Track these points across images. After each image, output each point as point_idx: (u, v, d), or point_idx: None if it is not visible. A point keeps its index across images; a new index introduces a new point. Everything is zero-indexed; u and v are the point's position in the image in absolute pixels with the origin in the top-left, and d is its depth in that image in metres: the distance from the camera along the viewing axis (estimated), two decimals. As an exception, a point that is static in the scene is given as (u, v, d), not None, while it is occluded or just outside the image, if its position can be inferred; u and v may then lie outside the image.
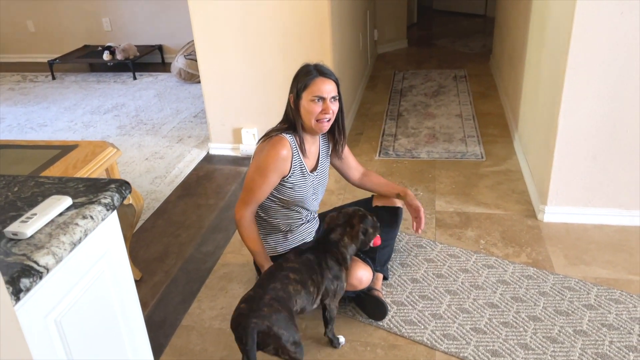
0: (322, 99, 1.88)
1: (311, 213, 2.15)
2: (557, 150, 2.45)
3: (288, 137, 1.92)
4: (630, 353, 1.82)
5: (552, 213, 2.59)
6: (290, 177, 1.95)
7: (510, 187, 2.95)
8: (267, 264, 1.97)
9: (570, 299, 2.09)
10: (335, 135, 2.07)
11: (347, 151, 2.18)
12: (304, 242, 2.14)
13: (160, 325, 2.11)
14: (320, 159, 2.07)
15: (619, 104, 2.30)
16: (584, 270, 2.26)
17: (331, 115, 1.92)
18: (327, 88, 1.89)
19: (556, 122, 2.40)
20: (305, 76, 1.89)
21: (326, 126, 1.94)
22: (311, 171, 2.02)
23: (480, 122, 3.82)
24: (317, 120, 1.90)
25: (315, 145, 2.04)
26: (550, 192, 2.55)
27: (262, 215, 2.07)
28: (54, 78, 5.61)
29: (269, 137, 1.94)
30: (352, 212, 1.96)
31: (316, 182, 2.06)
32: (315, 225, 2.20)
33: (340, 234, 1.91)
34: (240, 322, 1.62)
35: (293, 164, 1.94)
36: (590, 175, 2.47)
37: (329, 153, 2.14)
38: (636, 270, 2.24)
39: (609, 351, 1.84)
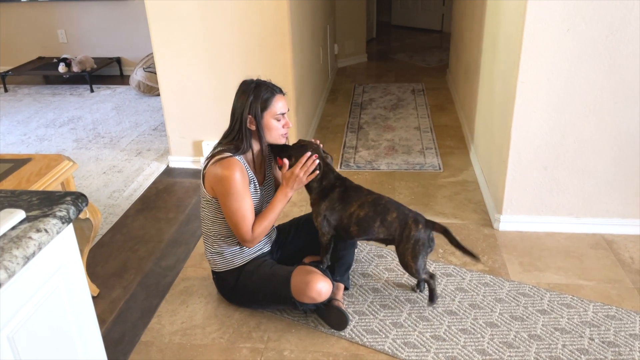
0: (283, 115, 1.99)
1: None
2: (511, 161, 2.54)
3: (237, 158, 1.95)
4: (582, 355, 1.89)
5: (507, 222, 2.67)
6: None
7: (467, 197, 3.03)
8: (280, 196, 2.02)
9: (525, 305, 2.15)
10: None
11: None
12: (262, 252, 2.16)
13: (119, 341, 2.06)
14: (267, 172, 2.15)
15: (566, 116, 2.41)
16: (538, 277, 2.33)
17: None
18: (284, 104, 2.00)
19: (509, 134, 2.49)
20: (265, 95, 1.95)
21: (285, 139, 2.04)
22: (261, 185, 2.10)
23: (438, 135, 3.92)
24: (281, 135, 2.01)
25: (262, 160, 2.12)
26: (505, 202, 2.63)
27: (218, 234, 2.08)
28: (6, 90, 5.45)
29: (218, 159, 1.94)
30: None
31: (265, 194, 2.13)
32: (271, 234, 2.26)
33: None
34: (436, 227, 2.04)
35: (249, 178, 2.00)
36: (541, 185, 2.57)
37: (272, 165, 2.20)
38: (586, 276, 2.33)
39: (562, 354, 1.90)
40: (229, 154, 1.94)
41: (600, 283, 2.28)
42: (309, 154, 2.00)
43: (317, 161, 2.01)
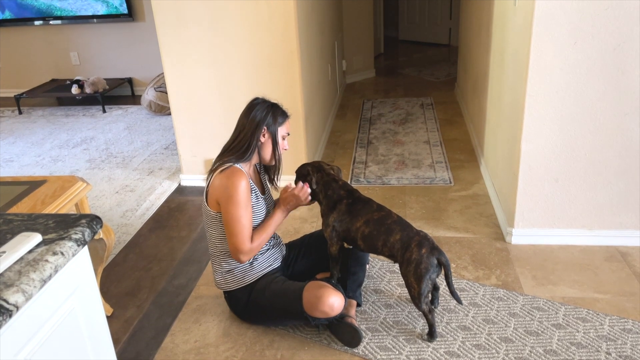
0: (288, 135, 2.14)
1: (274, 238, 2.24)
2: (521, 174, 2.53)
3: (239, 166, 2.01)
4: (599, 370, 1.87)
5: (520, 235, 2.65)
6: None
7: (479, 210, 3.02)
8: (279, 213, 2.13)
9: (539, 319, 2.13)
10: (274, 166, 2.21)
11: None
12: (272, 268, 2.16)
13: (133, 361, 2.07)
14: (264, 183, 2.23)
15: (576, 128, 2.40)
16: (552, 290, 2.31)
17: None
18: (289, 128, 2.16)
19: (519, 147, 2.49)
20: (281, 116, 2.10)
21: None
22: (262, 194, 2.15)
23: (448, 148, 3.92)
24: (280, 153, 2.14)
25: (255, 171, 2.20)
26: (517, 215, 2.62)
27: (227, 251, 2.09)
28: (20, 113, 5.54)
29: (221, 170, 2.00)
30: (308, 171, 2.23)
31: (268, 204, 2.17)
32: (281, 250, 2.28)
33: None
34: (440, 258, 1.99)
35: (251, 187, 2.05)
36: (553, 197, 2.56)
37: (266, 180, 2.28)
38: (601, 289, 2.30)
39: (579, 369, 1.88)
40: (230, 164, 2.00)
41: (615, 296, 2.26)
42: (300, 184, 2.15)
43: (308, 190, 2.14)
